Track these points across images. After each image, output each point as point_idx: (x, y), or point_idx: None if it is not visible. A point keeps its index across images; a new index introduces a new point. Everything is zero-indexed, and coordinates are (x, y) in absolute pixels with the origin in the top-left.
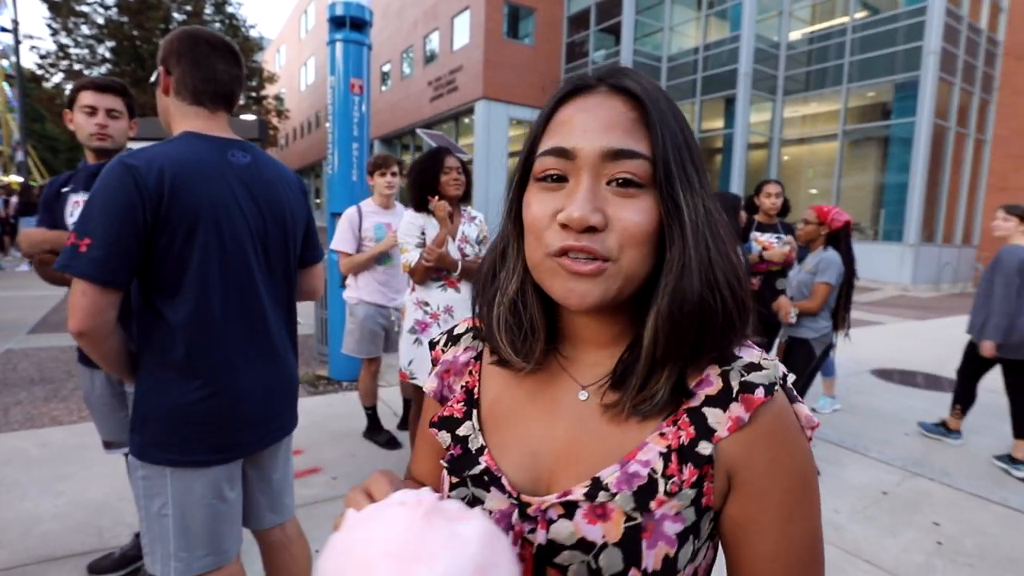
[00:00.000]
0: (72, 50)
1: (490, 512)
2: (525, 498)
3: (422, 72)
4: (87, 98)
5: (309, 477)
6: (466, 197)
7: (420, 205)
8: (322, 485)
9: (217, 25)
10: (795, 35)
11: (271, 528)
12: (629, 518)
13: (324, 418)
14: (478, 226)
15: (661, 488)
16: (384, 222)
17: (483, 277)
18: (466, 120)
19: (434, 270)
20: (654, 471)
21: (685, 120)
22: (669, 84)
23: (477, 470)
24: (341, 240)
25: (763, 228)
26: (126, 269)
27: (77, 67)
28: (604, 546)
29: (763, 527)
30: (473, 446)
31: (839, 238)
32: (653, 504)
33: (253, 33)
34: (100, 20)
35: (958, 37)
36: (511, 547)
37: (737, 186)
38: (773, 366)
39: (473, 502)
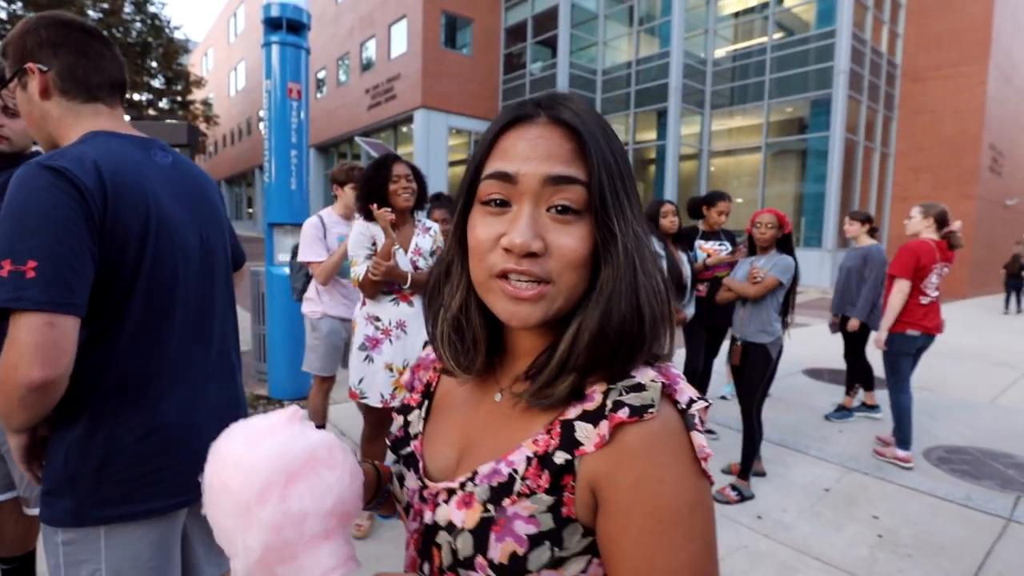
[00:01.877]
0: None
1: (407, 489)
2: (427, 482)
3: (359, 80)
4: None
5: None
6: (419, 206)
7: (369, 214)
8: None
9: (138, 25)
10: (720, 52)
11: None
12: (485, 509)
13: None
14: (432, 237)
15: (515, 488)
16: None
17: (429, 291)
18: (404, 129)
19: (384, 284)
20: (515, 471)
21: (621, 149)
22: (604, 97)
23: (406, 451)
24: (310, 250)
25: (707, 236)
26: (85, 288)
27: None
28: (462, 531)
29: (623, 549)
30: (412, 431)
31: (788, 242)
32: (506, 501)
33: (178, 35)
34: (3, 15)
35: (863, 59)
36: (354, 466)
37: (670, 195)
38: (655, 388)
39: (401, 477)
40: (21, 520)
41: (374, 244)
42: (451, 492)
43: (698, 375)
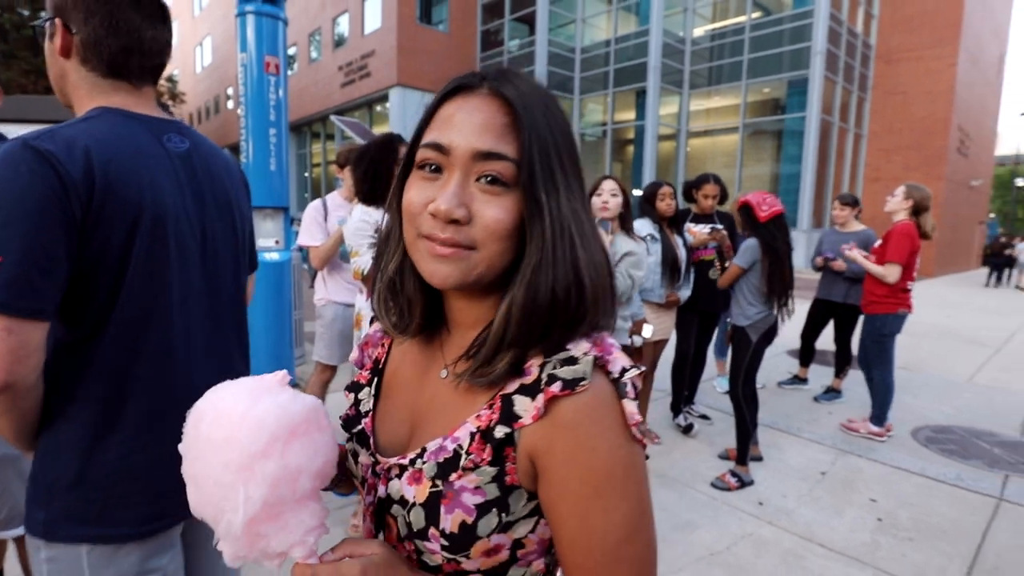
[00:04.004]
0: None
1: (360, 464)
2: (379, 457)
3: (331, 56)
4: None
5: None
6: None
7: (373, 198)
8: None
9: None
10: (699, 31)
11: None
12: (434, 484)
13: None
14: None
15: (461, 463)
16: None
17: (376, 257)
18: (379, 108)
19: None
20: (460, 447)
21: (563, 126)
22: (583, 75)
23: (358, 429)
24: (308, 234)
25: (698, 219)
26: (54, 291)
27: None
28: (414, 505)
29: (562, 513)
30: (363, 408)
31: (763, 225)
32: (453, 476)
33: None
34: None
35: (840, 40)
36: (334, 433)
37: (649, 176)
38: (588, 361)
39: (354, 454)
40: None
41: (377, 231)
42: (403, 468)
43: (689, 359)
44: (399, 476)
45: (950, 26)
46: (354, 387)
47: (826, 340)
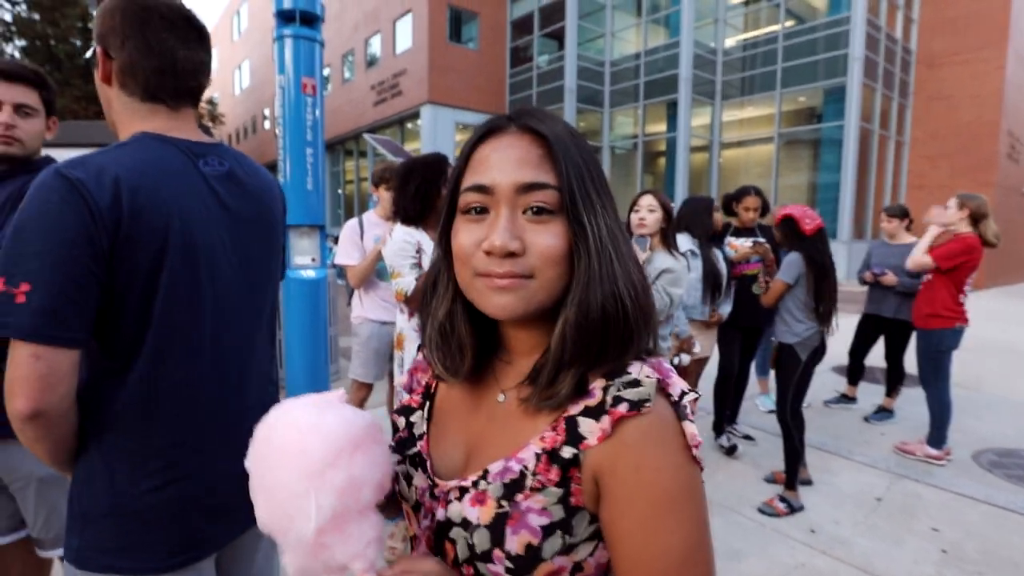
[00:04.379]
0: None
1: (416, 487)
2: (437, 480)
3: (364, 76)
4: None
5: None
6: None
7: (415, 219)
8: None
9: None
10: (730, 42)
11: None
12: (499, 505)
13: None
14: None
15: (527, 483)
16: (383, 235)
17: (421, 301)
18: (410, 125)
19: None
20: (526, 468)
21: (589, 151)
22: (613, 88)
23: (412, 451)
24: (345, 254)
25: (739, 233)
26: (85, 319)
27: None
28: (478, 526)
29: (624, 534)
30: (416, 432)
31: (806, 239)
32: (519, 496)
33: None
34: (7, 16)
35: (878, 46)
36: (384, 442)
37: (681, 188)
38: (651, 384)
39: (407, 478)
40: (30, 562)
41: (419, 252)
42: (463, 490)
43: (733, 378)
44: (459, 498)
45: (998, 27)
46: (405, 410)
47: (872, 357)
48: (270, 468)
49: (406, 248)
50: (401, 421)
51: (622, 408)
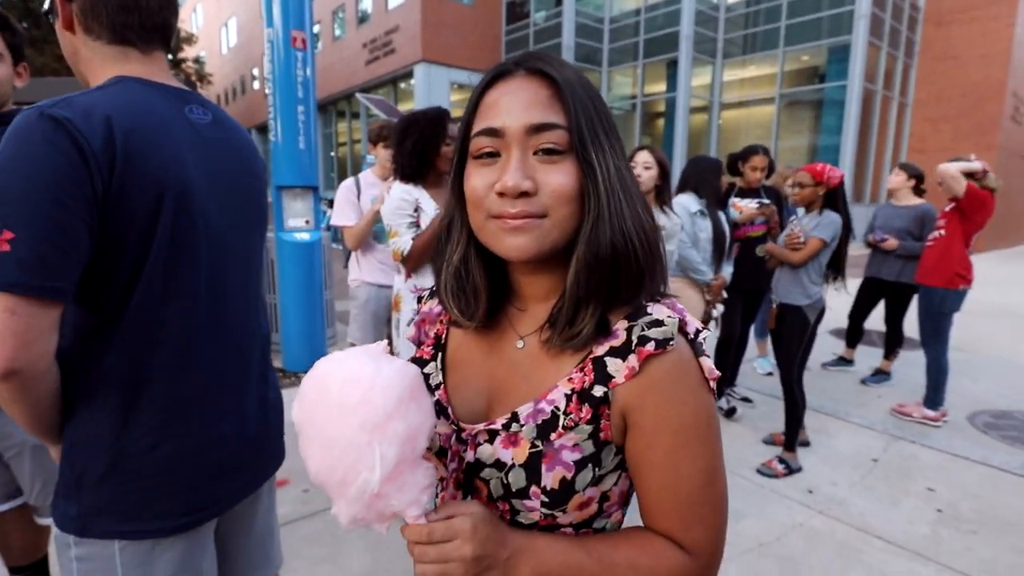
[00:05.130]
0: None
1: (438, 434)
2: (462, 425)
3: (355, 33)
4: None
5: (276, 492)
6: None
7: (413, 176)
8: (293, 501)
9: None
10: None
11: None
12: (533, 445)
13: (285, 418)
14: None
15: (560, 423)
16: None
17: (437, 247)
18: (404, 84)
19: (429, 256)
20: (557, 408)
21: (596, 93)
22: (612, 47)
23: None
24: (342, 214)
25: (743, 193)
26: (72, 270)
27: None
28: (513, 466)
29: (652, 463)
30: (433, 382)
31: (836, 196)
32: (553, 435)
33: None
34: None
35: (885, 2)
36: (428, 392)
37: (680, 150)
38: (673, 323)
39: None
40: (30, 529)
41: (417, 211)
42: (492, 433)
43: (734, 341)
44: (489, 441)
45: None
46: (417, 362)
47: (871, 320)
48: (328, 420)
49: (403, 206)
50: None
51: (649, 347)
